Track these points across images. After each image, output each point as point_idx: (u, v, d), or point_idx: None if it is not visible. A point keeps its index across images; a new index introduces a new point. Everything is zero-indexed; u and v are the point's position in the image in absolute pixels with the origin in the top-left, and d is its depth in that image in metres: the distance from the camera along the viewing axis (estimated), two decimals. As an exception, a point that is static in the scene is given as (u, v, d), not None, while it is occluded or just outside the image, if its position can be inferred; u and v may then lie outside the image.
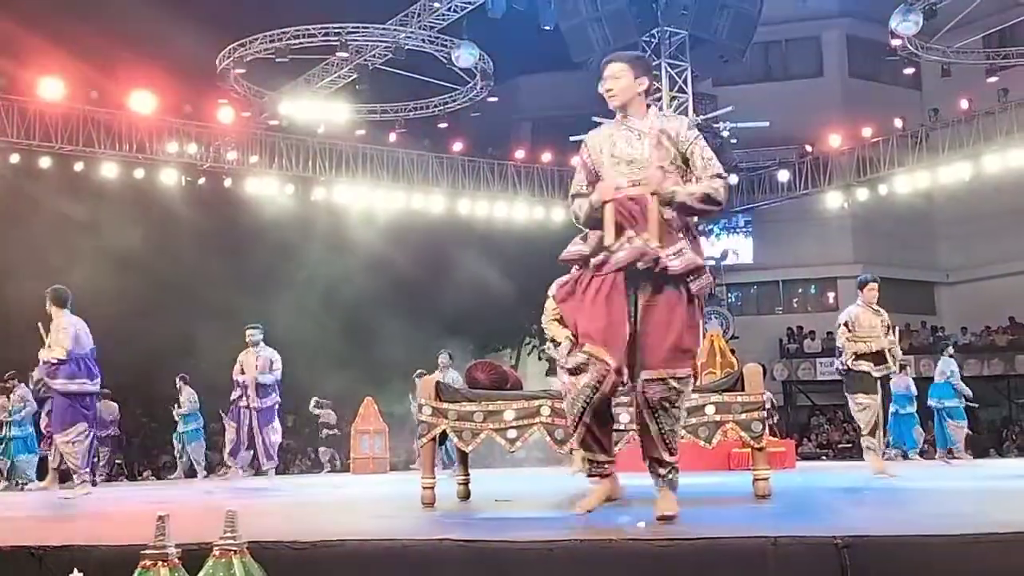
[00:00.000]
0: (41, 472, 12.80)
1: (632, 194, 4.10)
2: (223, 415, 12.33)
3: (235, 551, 2.62)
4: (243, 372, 11.38)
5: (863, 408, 9.10)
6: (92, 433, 8.76)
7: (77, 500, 8.04)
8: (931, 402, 14.69)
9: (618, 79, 4.28)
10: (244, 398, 11.28)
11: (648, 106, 4.37)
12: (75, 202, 17.75)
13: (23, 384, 12.99)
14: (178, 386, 15.87)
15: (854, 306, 9.45)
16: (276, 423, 11.53)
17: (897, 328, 9.58)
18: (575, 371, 4.05)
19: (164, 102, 18.52)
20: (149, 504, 7.43)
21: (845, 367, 9.26)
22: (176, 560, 2.57)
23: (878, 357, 9.12)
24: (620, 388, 4.17)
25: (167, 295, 18.97)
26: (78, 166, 18.22)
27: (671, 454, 4.08)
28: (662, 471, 4.09)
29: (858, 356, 9.14)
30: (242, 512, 2.75)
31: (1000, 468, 11.51)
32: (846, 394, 9.35)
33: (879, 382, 9.12)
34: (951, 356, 14.95)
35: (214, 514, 2.86)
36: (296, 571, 3.03)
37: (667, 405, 4.01)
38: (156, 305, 18.81)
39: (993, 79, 21.24)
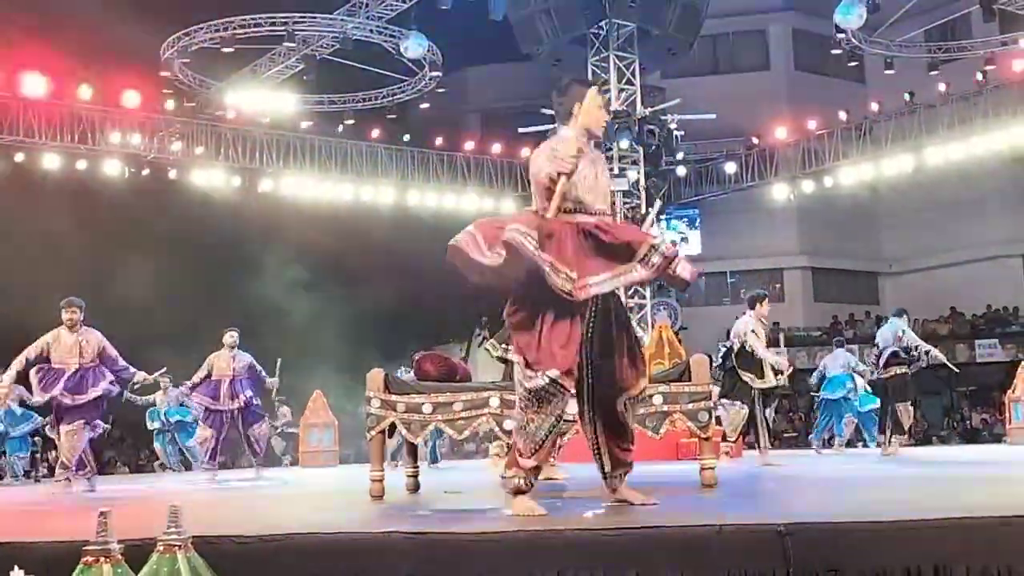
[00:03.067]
0: None
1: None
2: (199, 422, 12.08)
3: (179, 546, 2.60)
4: (209, 376, 11.30)
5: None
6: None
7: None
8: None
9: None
10: (226, 400, 11.19)
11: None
12: (16, 193, 17.41)
13: None
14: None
15: (752, 319, 9.80)
16: (265, 424, 11.66)
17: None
18: (537, 397, 4.02)
19: (107, 92, 18.21)
20: (92, 500, 7.32)
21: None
22: (119, 556, 2.54)
23: (760, 370, 9.64)
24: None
25: (109, 289, 18.68)
26: (19, 157, 17.87)
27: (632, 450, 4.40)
28: (628, 468, 4.38)
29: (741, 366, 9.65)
30: (187, 507, 2.72)
31: (941, 456, 11.74)
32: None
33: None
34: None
35: (158, 509, 2.83)
36: (242, 566, 3.01)
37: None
38: (98, 299, 18.49)
39: (935, 73, 21.58)
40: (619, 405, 4.20)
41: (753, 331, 9.62)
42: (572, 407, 5.21)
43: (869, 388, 13.70)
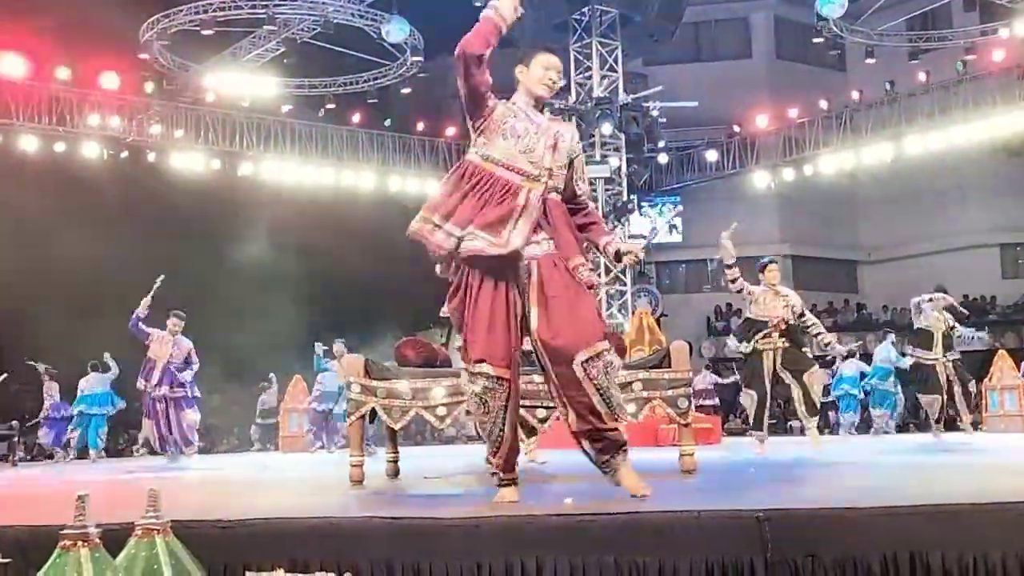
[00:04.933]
0: None
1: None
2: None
3: (157, 530, 2.59)
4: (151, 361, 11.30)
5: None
6: None
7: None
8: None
9: (560, 75, 4.28)
10: (156, 387, 11.19)
11: (542, 109, 4.30)
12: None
13: None
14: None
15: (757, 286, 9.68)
16: (196, 413, 11.60)
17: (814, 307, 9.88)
18: (481, 399, 3.91)
19: (85, 74, 18.06)
20: (71, 484, 7.29)
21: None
22: (97, 540, 2.53)
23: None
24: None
25: (85, 273, 18.55)
26: (-4, 138, 17.74)
27: (618, 420, 3.97)
28: (614, 441, 3.96)
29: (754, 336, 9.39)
30: (166, 491, 2.71)
31: (918, 443, 11.83)
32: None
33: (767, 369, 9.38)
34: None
35: (137, 494, 2.82)
36: (220, 550, 3.00)
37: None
38: (74, 284, 18.38)
39: (915, 62, 21.65)
40: (577, 371, 3.80)
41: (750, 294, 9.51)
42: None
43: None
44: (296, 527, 3.16)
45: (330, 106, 21.34)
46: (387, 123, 21.74)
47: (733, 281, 9.64)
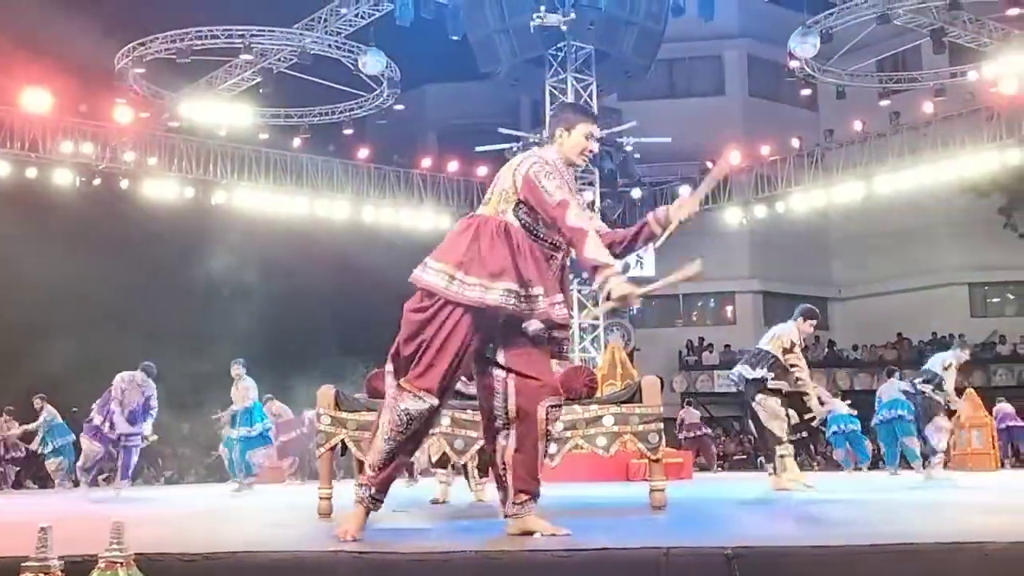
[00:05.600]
0: None
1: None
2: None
3: (121, 563, 2.55)
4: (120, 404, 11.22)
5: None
6: None
7: None
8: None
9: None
10: (109, 426, 11.15)
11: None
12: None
13: None
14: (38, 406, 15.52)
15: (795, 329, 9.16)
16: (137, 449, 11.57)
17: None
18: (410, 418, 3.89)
19: (59, 100, 17.99)
20: (32, 515, 7.18)
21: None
22: (59, 573, 2.50)
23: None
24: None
25: (58, 301, 18.40)
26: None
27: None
28: (537, 489, 3.98)
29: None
30: (130, 522, 2.68)
31: (887, 480, 11.87)
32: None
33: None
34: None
35: (101, 526, 2.78)
36: (185, 584, 2.96)
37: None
38: (47, 310, 18.22)
39: (886, 102, 21.96)
40: (540, 412, 3.86)
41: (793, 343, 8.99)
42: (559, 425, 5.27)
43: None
44: (261, 561, 3.13)
45: (305, 136, 21.36)
46: (362, 154, 21.71)
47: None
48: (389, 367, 4.02)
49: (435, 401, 3.85)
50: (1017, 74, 18.84)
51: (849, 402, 16.03)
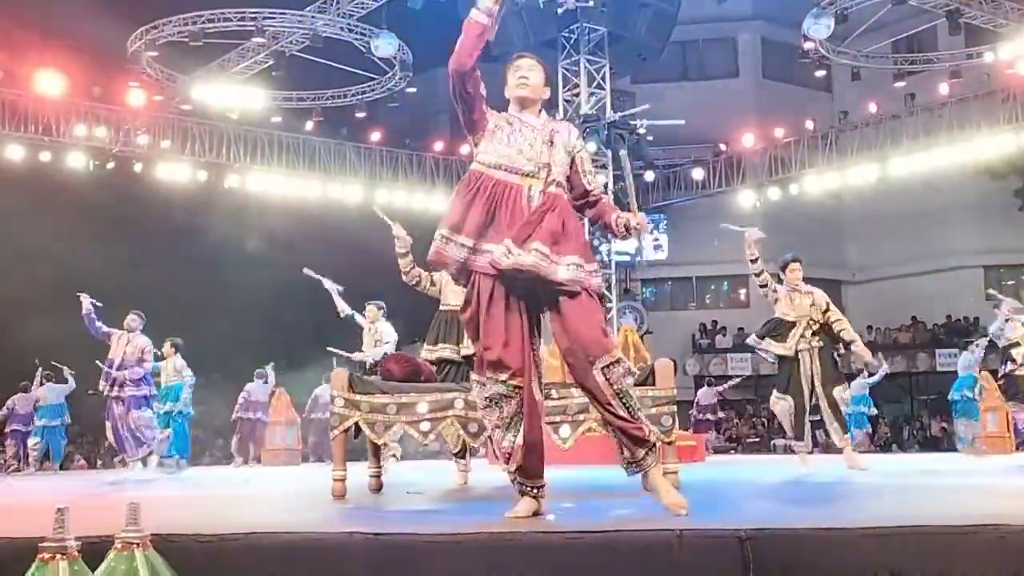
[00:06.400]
0: None
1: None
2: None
3: (137, 544, 2.57)
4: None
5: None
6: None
7: None
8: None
9: (534, 71, 4.24)
10: (109, 387, 11.09)
11: (540, 111, 4.26)
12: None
13: None
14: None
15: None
16: (147, 411, 11.36)
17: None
18: (492, 401, 3.94)
19: (73, 84, 18.04)
20: (50, 496, 7.24)
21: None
22: (76, 553, 2.51)
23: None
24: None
25: (72, 282, 18.46)
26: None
27: (647, 429, 3.96)
28: (648, 452, 3.93)
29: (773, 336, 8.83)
30: (147, 504, 2.70)
31: (901, 463, 11.84)
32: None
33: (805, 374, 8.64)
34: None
35: (117, 507, 2.80)
36: (201, 565, 2.98)
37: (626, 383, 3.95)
38: (60, 294, 18.29)
39: (900, 84, 21.82)
40: (597, 377, 3.84)
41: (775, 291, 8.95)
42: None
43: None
44: (276, 542, 3.14)
45: (318, 119, 21.36)
46: (375, 137, 21.70)
47: (758, 275, 9.20)
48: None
49: (504, 377, 3.87)
50: (1034, 55, 18.70)
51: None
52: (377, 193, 21.62)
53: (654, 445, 3.95)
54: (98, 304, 11.28)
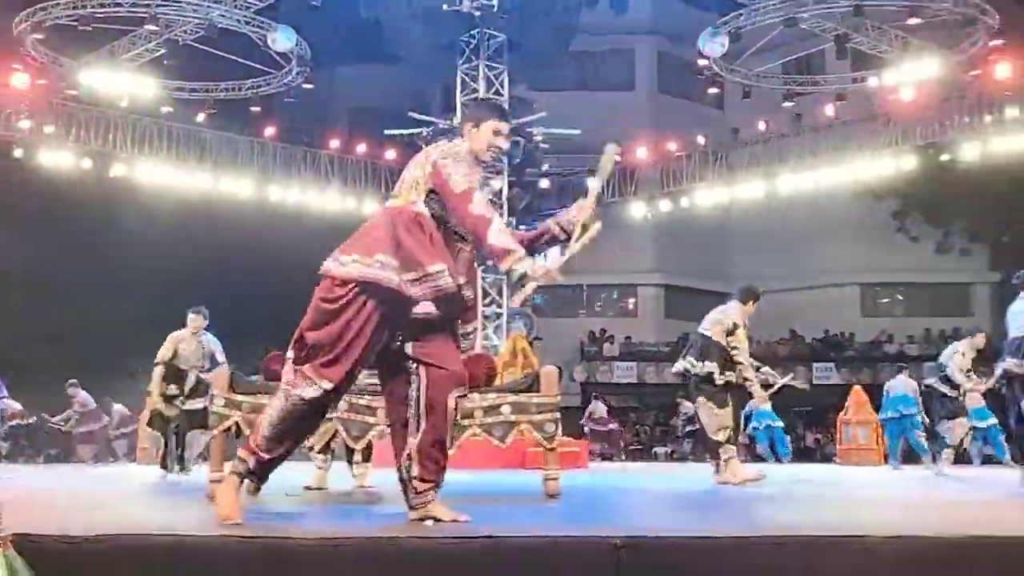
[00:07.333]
0: None
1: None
2: None
3: (-3, 544, 2.49)
4: None
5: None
6: None
7: None
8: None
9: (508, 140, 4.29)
10: None
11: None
12: None
13: None
14: None
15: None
16: None
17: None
18: (312, 406, 3.90)
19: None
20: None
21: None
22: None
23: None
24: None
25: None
26: None
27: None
28: (442, 478, 4.03)
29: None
30: (11, 503, 2.61)
31: (775, 472, 12.13)
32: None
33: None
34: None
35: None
36: (66, 567, 2.89)
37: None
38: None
39: (789, 104, 22.42)
40: (450, 403, 3.91)
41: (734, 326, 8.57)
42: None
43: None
44: (147, 544, 3.07)
45: (211, 111, 20.90)
46: (269, 132, 21.34)
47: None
48: (290, 353, 3.97)
49: (330, 389, 3.85)
50: (915, 82, 19.45)
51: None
52: (270, 189, 21.30)
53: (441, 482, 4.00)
54: None
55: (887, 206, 25.19)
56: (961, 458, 13.11)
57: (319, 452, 7.34)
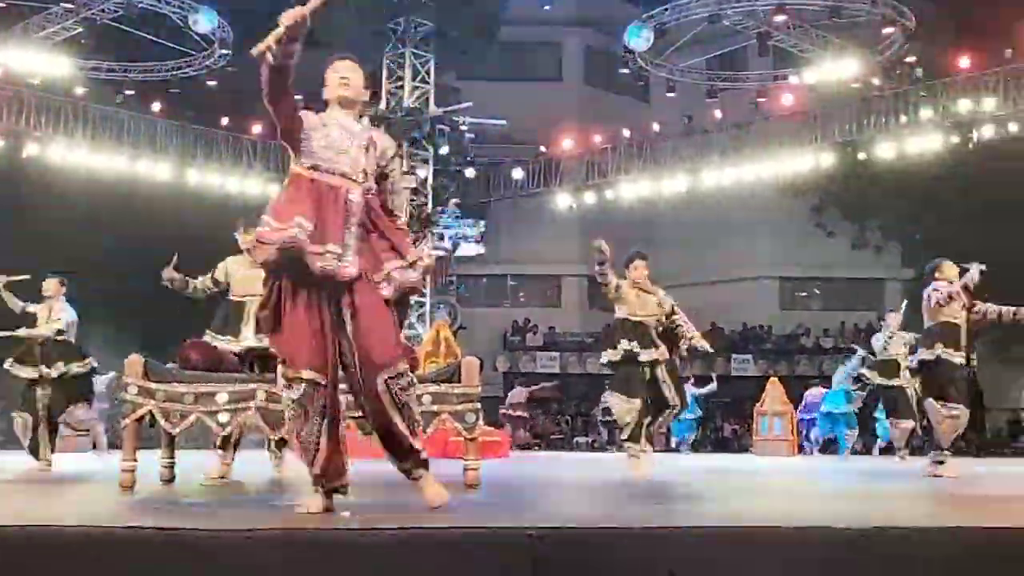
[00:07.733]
0: None
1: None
2: None
3: None
4: None
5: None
6: None
7: None
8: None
9: (354, 72, 4.26)
10: None
11: (360, 116, 4.33)
12: None
13: None
14: None
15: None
16: None
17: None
18: (300, 404, 3.89)
19: None
20: None
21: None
22: None
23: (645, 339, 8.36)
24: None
25: None
26: None
27: (419, 444, 4.08)
28: (419, 458, 4.07)
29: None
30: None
31: (693, 464, 12.32)
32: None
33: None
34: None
35: None
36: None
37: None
38: None
39: (712, 100, 22.70)
40: (379, 386, 3.88)
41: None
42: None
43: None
44: (55, 536, 2.99)
45: (129, 92, 20.44)
46: (189, 114, 20.94)
47: (603, 275, 8.71)
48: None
49: (309, 375, 3.84)
50: (834, 81, 19.85)
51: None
52: (188, 172, 20.92)
53: (422, 457, 4.09)
54: None
55: (807, 202, 25.66)
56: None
57: (222, 447, 7.20)
